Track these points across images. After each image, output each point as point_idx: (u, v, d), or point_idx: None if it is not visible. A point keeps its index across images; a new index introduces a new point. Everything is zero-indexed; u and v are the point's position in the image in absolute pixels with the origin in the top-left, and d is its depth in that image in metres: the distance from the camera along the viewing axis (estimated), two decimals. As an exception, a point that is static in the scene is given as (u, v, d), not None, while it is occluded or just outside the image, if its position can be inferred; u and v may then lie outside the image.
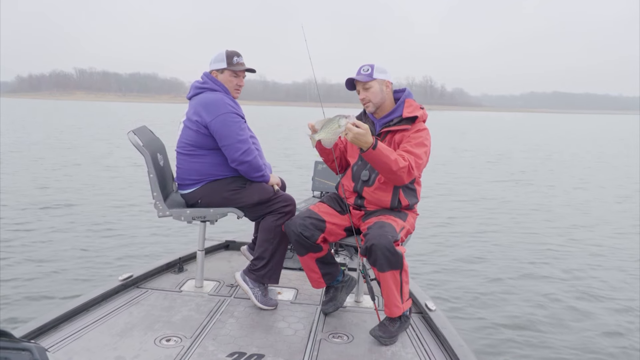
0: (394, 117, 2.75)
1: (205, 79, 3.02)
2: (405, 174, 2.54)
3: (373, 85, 2.73)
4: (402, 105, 2.77)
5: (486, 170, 15.49)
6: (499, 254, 6.57)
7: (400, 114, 2.74)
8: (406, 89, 2.85)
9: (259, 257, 2.94)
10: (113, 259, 5.83)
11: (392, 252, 2.43)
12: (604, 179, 14.41)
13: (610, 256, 6.67)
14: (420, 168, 2.64)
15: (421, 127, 2.72)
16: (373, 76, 2.72)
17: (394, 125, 2.72)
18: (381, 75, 2.74)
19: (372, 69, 2.74)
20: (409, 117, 2.72)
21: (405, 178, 2.56)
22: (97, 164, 14.32)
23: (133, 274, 3.18)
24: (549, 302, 4.98)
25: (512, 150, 23.33)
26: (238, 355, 2.37)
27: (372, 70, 2.73)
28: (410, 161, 2.54)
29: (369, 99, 2.74)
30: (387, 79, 2.77)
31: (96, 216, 7.89)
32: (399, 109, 2.76)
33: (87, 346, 2.38)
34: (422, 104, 2.84)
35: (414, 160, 2.56)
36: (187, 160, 2.98)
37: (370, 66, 2.75)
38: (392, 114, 2.77)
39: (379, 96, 2.74)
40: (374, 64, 2.76)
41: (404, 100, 2.78)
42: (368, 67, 2.75)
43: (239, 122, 2.89)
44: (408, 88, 2.87)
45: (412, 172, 2.56)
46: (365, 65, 2.77)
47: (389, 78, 2.78)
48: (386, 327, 2.58)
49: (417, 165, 2.58)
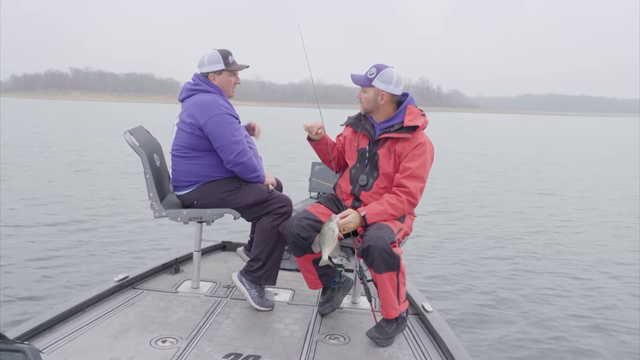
0: (395, 123, 2.71)
1: (197, 80, 2.99)
2: (406, 210, 2.66)
3: (368, 92, 2.70)
4: (404, 112, 2.71)
5: (483, 173, 15.53)
6: (496, 256, 6.58)
7: (401, 121, 2.69)
8: (409, 94, 2.77)
9: (255, 258, 2.93)
10: (109, 260, 5.81)
11: (389, 254, 2.43)
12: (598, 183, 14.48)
13: (610, 256, 6.70)
14: (422, 190, 2.66)
15: (422, 140, 2.66)
16: (372, 83, 2.67)
17: (393, 132, 2.68)
18: (381, 85, 2.66)
19: (376, 75, 2.67)
20: (410, 126, 2.67)
21: (408, 211, 2.69)
22: (92, 163, 14.27)
23: (129, 275, 3.16)
24: (546, 304, 5.00)
25: (508, 151, 23.40)
26: (234, 356, 2.36)
27: (376, 76, 2.66)
28: (407, 197, 2.61)
29: (362, 101, 2.75)
30: (387, 91, 2.67)
31: (92, 217, 7.85)
32: (400, 115, 2.71)
33: (82, 347, 2.37)
34: (419, 106, 2.80)
35: (411, 191, 2.60)
36: (183, 163, 2.97)
37: (376, 70, 2.68)
38: (392, 119, 2.73)
39: (370, 103, 2.72)
40: (383, 70, 2.67)
41: (405, 107, 2.73)
42: (374, 71, 2.69)
43: (233, 123, 2.88)
44: (410, 93, 2.79)
45: (413, 202, 2.64)
46: (373, 68, 2.70)
47: (390, 90, 2.67)
48: (383, 329, 2.58)
49: (416, 193, 2.62)
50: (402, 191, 2.61)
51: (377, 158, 2.73)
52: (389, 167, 2.70)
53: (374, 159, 2.75)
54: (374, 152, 2.75)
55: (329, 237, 2.53)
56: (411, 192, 2.61)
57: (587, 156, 22.90)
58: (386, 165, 2.71)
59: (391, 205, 2.59)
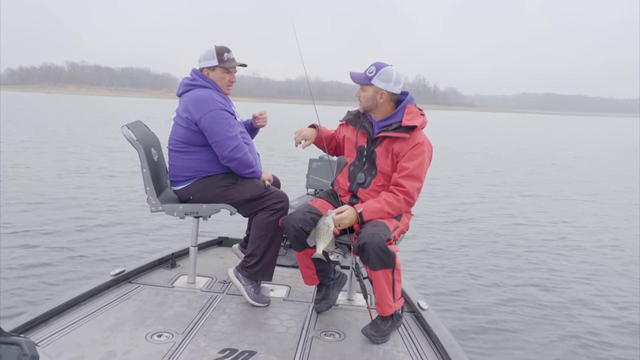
0: (393, 122, 2.70)
1: (195, 75, 3.00)
2: (403, 209, 2.66)
3: (367, 90, 2.69)
4: (403, 111, 2.70)
5: (481, 171, 15.56)
6: (492, 255, 6.61)
7: (400, 120, 2.68)
8: (408, 93, 2.75)
9: (251, 254, 2.93)
10: (105, 254, 5.80)
11: (384, 251, 2.44)
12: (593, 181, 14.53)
13: (608, 256, 6.74)
14: (419, 190, 2.67)
15: (420, 140, 2.65)
16: (371, 81, 2.66)
17: (392, 131, 2.67)
18: (381, 84, 2.65)
19: (375, 73, 2.65)
20: (408, 126, 2.66)
21: (405, 210, 2.69)
22: (90, 159, 14.22)
23: (125, 269, 3.16)
24: (542, 302, 5.03)
25: (505, 150, 23.45)
26: (229, 351, 2.36)
27: (375, 74, 2.65)
28: (404, 196, 2.61)
29: (361, 99, 2.74)
30: (386, 89, 2.66)
31: (88, 211, 7.83)
32: (399, 114, 2.70)
33: (77, 341, 2.37)
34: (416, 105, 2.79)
35: (408, 191, 2.60)
36: (179, 157, 2.97)
37: (376, 68, 2.66)
38: (391, 118, 2.71)
39: (369, 102, 2.71)
40: (382, 68, 2.66)
41: (404, 106, 2.71)
42: (373, 69, 2.67)
43: (228, 119, 2.88)
44: (410, 92, 2.77)
45: (410, 201, 2.64)
46: (372, 66, 2.68)
47: (390, 89, 2.66)
48: (378, 326, 2.59)
49: (414, 192, 2.63)
50: (400, 190, 2.62)
51: (374, 156, 2.74)
52: (387, 166, 2.70)
53: (371, 157, 2.75)
54: (371, 151, 2.75)
55: (323, 232, 2.54)
56: (408, 191, 2.61)
57: (599, 157, 22.69)
58: (384, 164, 2.71)
59: (388, 204, 2.60)
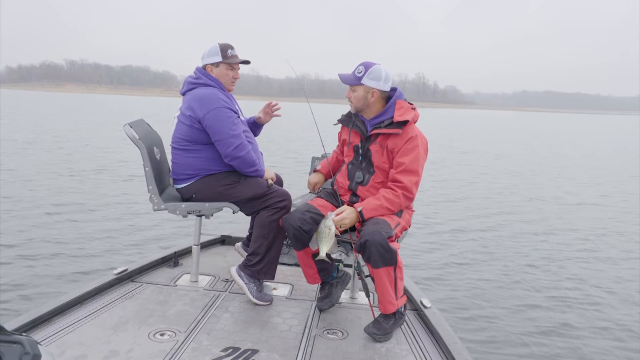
0: (385, 119, 2.71)
1: (199, 74, 3.00)
2: (403, 204, 2.65)
3: (358, 90, 2.69)
4: (393, 107, 2.71)
5: (484, 169, 15.55)
6: (496, 252, 6.61)
7: (391, 116, 2.69)
8: (397, 88, 2.76)
9: (254, 252, 2.94)
10: (108, 253, 5.80)
11: (385, 249, 2.44)
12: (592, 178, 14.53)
13: (608, 254, 6.75)
14: (418, 184, 2.67)
15: (413, 134, 2.66)
16: (361, 81, 2.66)
17: (384, 128, 2.68)
18: (371, 83, 2.66)
19: (364, 73, 2.65)
20: (400, 121, 2.67)
21: (404, 205, 2.68)
22: (92, 157, 14.21)
23: (128, 268, 3.16)
24: (544, 300, 5.02)
25: (507, 149, 23.44)
26: (232, 350, 2.37)
27: (364, 74, 2.65)
28: (403, 191, 2.61)
29: (352, 100, 2.74)
30: (377, 88, 2.66)
31: (91, 209, 7.83)
32: (390, 111, 2.71)
33: (80, 340, 2.37)
34: (414, 102, 2.81)
35: (406, 186, 2.61)
36: (182, 155, 2.98)
37: (364, 68, 2.67)
38: (382, 115, 2.72)
39: (361, 102, 2.71)
40: (371, 67, 2.66)
41: (394, 102, 2.72)
42: (362, 69, 2.67)
43: (231, 117, 2.88)
44: (399, 88, 2.77)
45: (409, 196, 2.64)
46: (360, 66, 2.69)
47: (380, 87, 2.67)
48: (380, 324, 2.59)
49: (412, 187, 2.63)
50: (398, 186, 2.62)
51: (369, 154, 2.74)
52: (383, 163, 2.71)
53: (367, 155, 2.76)
54: (366, 149, 2.76)
55: (325, 235, 2.55)
56: (406, 186, 2.61)
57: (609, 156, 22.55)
58: (380, 161, 2.71)
59: (387, 200, 2.60)
